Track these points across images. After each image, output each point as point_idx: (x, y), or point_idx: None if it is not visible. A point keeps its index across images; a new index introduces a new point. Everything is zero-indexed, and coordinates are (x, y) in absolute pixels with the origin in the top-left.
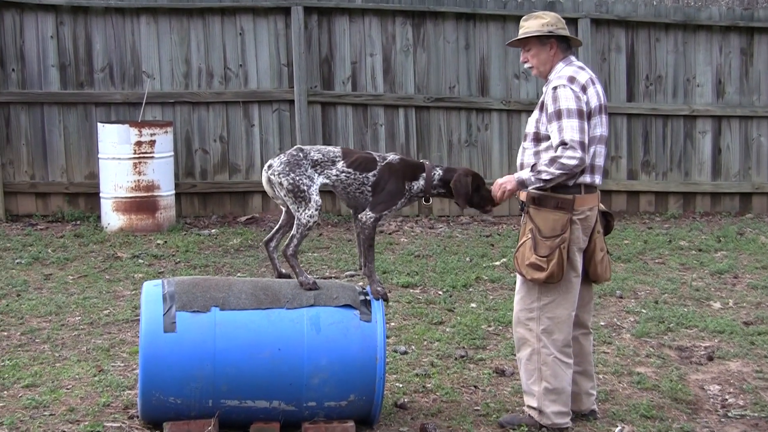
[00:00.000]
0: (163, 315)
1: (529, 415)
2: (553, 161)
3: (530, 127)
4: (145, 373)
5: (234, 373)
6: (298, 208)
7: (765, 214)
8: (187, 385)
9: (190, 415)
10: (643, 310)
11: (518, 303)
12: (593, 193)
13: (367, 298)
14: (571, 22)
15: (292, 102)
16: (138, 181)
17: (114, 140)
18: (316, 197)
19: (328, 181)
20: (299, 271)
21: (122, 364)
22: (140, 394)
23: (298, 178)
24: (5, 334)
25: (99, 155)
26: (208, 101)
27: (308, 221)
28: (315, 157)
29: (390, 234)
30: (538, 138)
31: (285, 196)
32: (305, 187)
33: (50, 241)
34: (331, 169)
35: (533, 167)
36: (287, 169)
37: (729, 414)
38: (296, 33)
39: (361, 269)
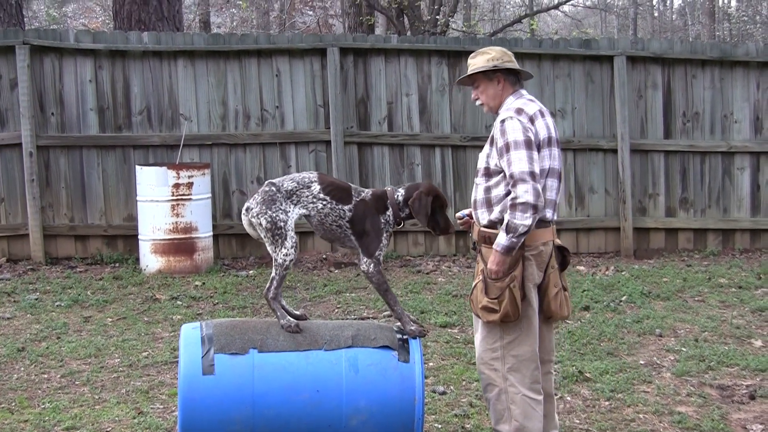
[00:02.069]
0: (202, 357)
1: None
2: (513, 208)
3: (481, 162)
4: (184, 416)
5: (273, 415)
6: (275, 248)
7: None
8: (226, 428)
9: None
10: (683, 349)
11: (480, 344)
12: (547, 227)
13: (405, 338)
14: (607, 59)
15: (328, 143)
16: (176, 223)
17: (152, 182)
18: (291, 233)
19: (305, 211)
20: (280, 314)
21: (161, 407)
22: None
23: (274, 214)
24: (45, 376)
25: (137, 197)
26: (245, 143)
27: (284, 260)
28: (288, 187)
29: (428, 274)
30: (488, 173)
31: (264, 236)
32: (282, 223)
33: (89, 284)
34: (307, 196)
35: (506, 227)
36: (264, 207)
37: None
38: (332, 74)
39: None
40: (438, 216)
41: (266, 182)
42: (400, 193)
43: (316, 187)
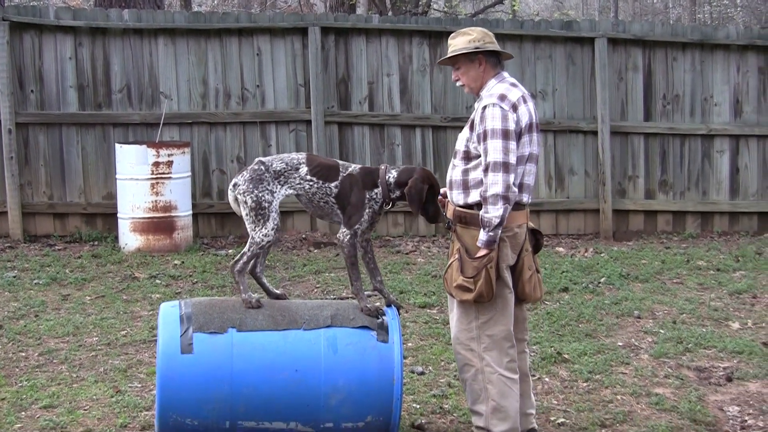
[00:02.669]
0: (181, 336)
1: None
2: (485, 201)
3: (460, 145)
4: (162, 395)
5: (251, 394)
6: (255, 226)
7: None
8: (205, 407)
9: None
10: (661, 331)
11: (456, 324)
12: (522, 210)
13: (384, 319)
14: (588, 41)
15: (309, 122)
16: (155, 201)
17: (132, 161)
18: (275, 215)
19: (292, 191)
20: (244, 288)
21: (139, 385)
22: (157, 416)
23: (260, 194)
24: (23, 354)
25: (117, 176)
26: (225, 122)
27: (262, 240)
28: (277, 168)
29: (407, 254)
30: (468, 156)
31: (247, 214)
32: (266, 204)
33: (68, 262)
34: (295, 177)
35: (481, 221)
36: (251, 186)
37: None
38: (313, 53)
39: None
40: (429, 204)
41: (256, 160)
42: (393, 174)
43: (303, 169)
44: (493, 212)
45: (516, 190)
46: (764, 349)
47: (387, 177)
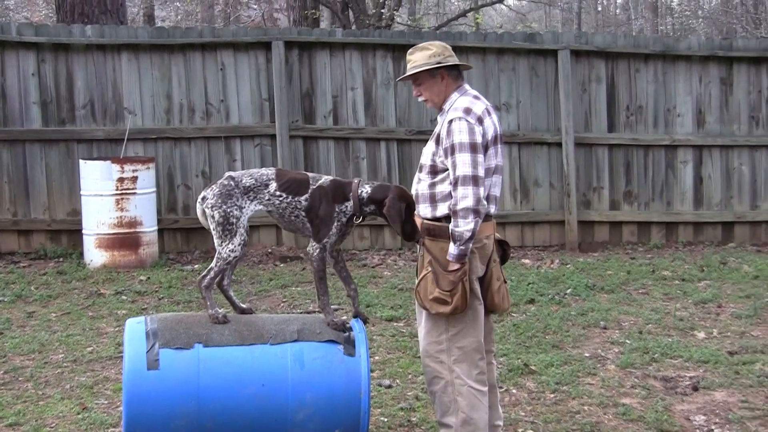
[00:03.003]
0: (147, 352)
1: None
2: (455, 215)
3: (426, 159)
4: (128, 411)
5: (219, 409)
6: (222, 241)
7: (747, 243)
8: (171, 423)
9: None
10: (628, 341)
11: (425, 337)
12: (489, 221)
13: (351, 333)
14: (551, 53)
15: (273, 137)
16: (120, 217)
17: (96, 177)
18: (242, 231)
19: (262, 207)
20: (210, 303)
21: (106, 402)
22: None
23: (229, 210)
24: None
25: (81, 192)
26: (189, 137)
27: (229, 255)
28: (247, 183)
29: (373, 267)
30: (435, 170)
31: (214, 228)
32: (234, 219)
33: (33, 279)
34: (264, 194)
35: (452, 236)
36: (219, 201)
37: None
38: (277, 68)
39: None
40: (406, 223)
41: (226, 175)
42: (366, 189)
43: (273, 185)
44: (464, 226)
45: (485, 203)
46: (730, 358)
47: (360, 192)
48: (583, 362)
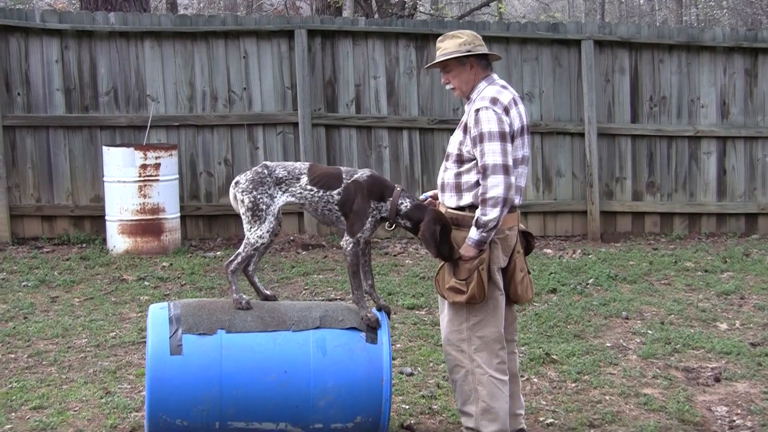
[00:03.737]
0: (170, 338)
1: None
2: (484, 203)
3: (453, 148)
4: (151, 396)
5: (240, 395)
6: (251, 227)
7: None
8: (194, 408)
9: None
10: (650, 332)
11: (447, 325)
12: (513, 213)
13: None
14: (575, 43)
15: (296, 125)
16: (143, 204)
17: (119, 163)
18: (271, 218)
19: (294, 199)
20: (235, 288)
21: (129, 386)
22: (147, 417)
23: (259, 196)
24: (12, 356)
25: (104, 178)
26: (212, 124)
27: (257, 241)
28: (280, 175)
29: (395, 256)
30: (461, 160)
31: (243, 213)
32: (264, 206)
33: (56, 264)
34: (296, 187)
35: (476, 222)
36: (250, 186)
37: None
38: (300, 56)
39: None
40: (443, 244)
41: (262, 163)
42: (406, 204)
43: (304, 180)
44: (492, 214)
45: (514, 192)
46: (752, 349)
47: (400, 203)
48: (604, 352)
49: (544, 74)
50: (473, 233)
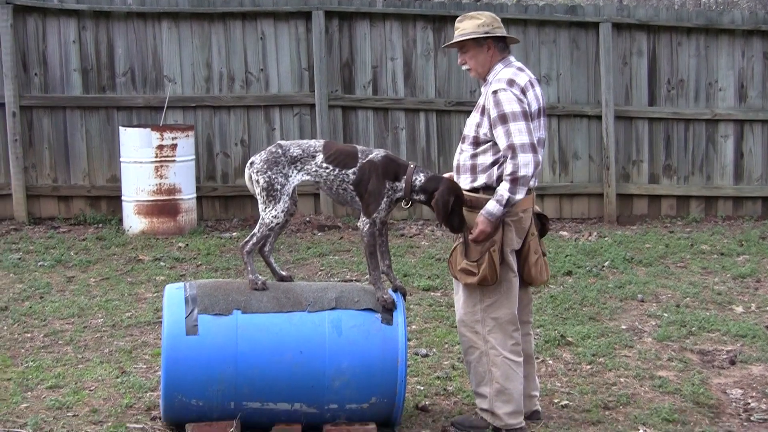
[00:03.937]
0: (186, 318)
1: (482, 417)
2: (514, 181)
3: (469, 131)
4: (167, 376)
5: (256, 375)
6: (265, 207)
7: None
8: (210, 388)
9: (212, 416)
10: (665, 314)
11: (461, 307)
12: (528, 195)
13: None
14: (593, 26)
15: (313, 106)
16: (160, 184)
17: (136, 144)
18: (286, 198)
19: (309, 177)
20: (251, 269)
21: (144, 366)
22: (163, 396)
23: (274, 176)
24: (29, 335)
25: (121, 159)
26: (229, 105)
27: (271, 221)
28: (294, 153)
29: (411, 237)
30: (477, 141)
31: (258, 194)
32: (279, 186)
33: (72, 244)
34: (311, 165)
35: (500, 199)
36: (265, 166)
37: (751, 418)
38: (317, 37)
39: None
40: (454, 215)
41: (276, 143)
42: (420, 178)
43: (320, 157)
44: (519, 193)
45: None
46: (767, 332)
47: (414, 179)
48: (619, 334)
49: (562, 57)
50: (493, 207)
